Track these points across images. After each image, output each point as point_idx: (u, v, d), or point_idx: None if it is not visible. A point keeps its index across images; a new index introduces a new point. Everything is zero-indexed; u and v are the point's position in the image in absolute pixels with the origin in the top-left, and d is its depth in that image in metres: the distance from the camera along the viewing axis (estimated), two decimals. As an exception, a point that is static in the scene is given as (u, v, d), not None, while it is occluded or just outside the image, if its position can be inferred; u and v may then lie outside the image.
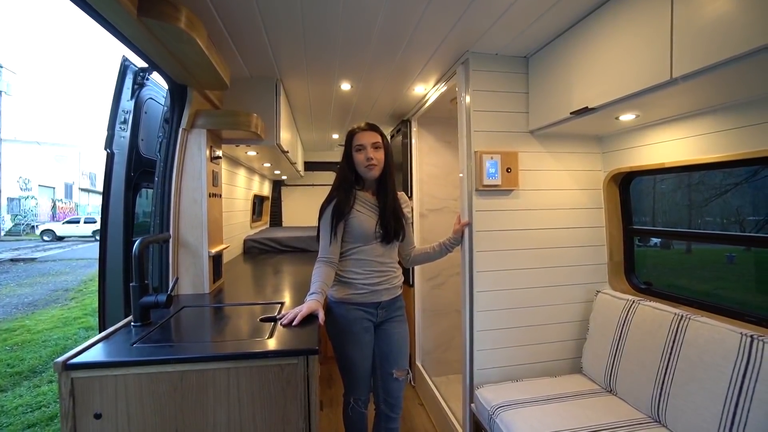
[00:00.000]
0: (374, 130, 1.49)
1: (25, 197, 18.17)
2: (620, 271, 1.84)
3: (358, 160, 1.47)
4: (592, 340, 1.72)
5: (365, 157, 1.45)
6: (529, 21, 1.43)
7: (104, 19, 1.05)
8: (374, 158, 1.46)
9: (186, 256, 1.71)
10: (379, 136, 1.49)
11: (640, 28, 1.16)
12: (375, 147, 1.47)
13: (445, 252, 1.67)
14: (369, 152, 1.45)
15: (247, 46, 1.65)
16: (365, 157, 1.45)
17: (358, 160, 1.47)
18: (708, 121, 1.34)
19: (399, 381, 1.53)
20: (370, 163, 1.45)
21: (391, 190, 1.52)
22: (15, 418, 2.56)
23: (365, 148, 1.45)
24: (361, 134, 1.48)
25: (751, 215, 3.62)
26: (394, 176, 1.55)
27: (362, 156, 1.46)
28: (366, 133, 1.47)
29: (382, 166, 1.49)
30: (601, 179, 1.84)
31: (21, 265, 9.24)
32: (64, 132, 32.12)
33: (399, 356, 1.53)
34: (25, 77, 58.75)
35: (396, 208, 1.52)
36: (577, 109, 1.41)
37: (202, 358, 1.04)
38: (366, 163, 1.45)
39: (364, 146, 1.46)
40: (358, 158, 1.47)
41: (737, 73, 0.98)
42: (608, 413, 1.40)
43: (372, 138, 1.47)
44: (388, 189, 1.51)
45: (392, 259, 1.54)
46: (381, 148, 1.48)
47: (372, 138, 1.47)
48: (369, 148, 1.45)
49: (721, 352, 1.17)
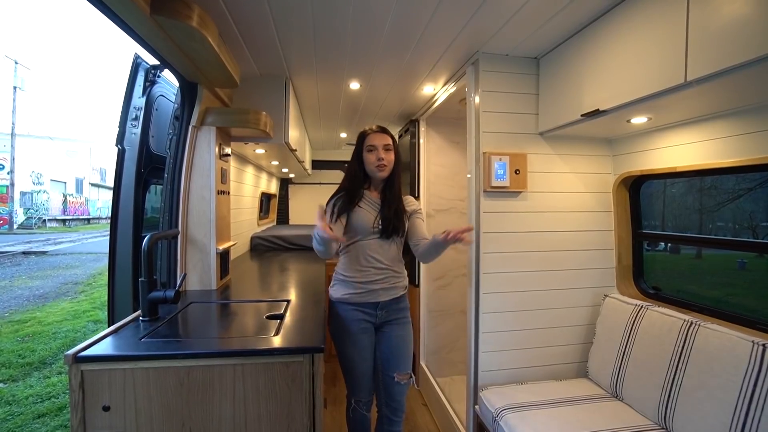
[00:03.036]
0: (386, 133, 1.54)
1: (37, 191, 18.47)
2: (629, 275, 1.82)
3: (368, 160, 1.51)
4: (598, 345, 1.70)
5: (376, 157, 1.49)
6: (540, 21, 1.42)
7: (117, 17, 1.07)
8: (385, 159, 1.49)
9: (194, 253, 1.72)
10: (390, 139, 1.53)
11: (655, 30, 1.14)
12: (386, 149, 1.50)
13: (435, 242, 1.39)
14: (380, 153, 1.49)
15: (257, 44, 1.66)
16: (376, 157, 1.49)
17: (369, 160, 1.50)
18: (721, 125, 1.31)
19: (401, 384, 1.52)
20: (380, 163, 1.49)
21: (396, 188, 1.55)
22: (26, 407, 2.61)
23: (377, 149, 1.49)
24: (373, 135, 1.51)
25: (764, 221, 3.55)
26: (400, 178, 1.57)
27: (373, 156, 1.49)
28: (378, 135, 1.51)
29: (391, 167, 1.52)
30: (610, 182, 1.82)
31: (33, 258, 9.40)
32: (76, 127, 32.66)
33: (401, 359, 1.53)
34: (40, 73, 59.85)
35: (398, 206, 1.54)
36: (588, 111, 1.40)
37: (208, 354, 1.05)
38: (377, 163, 1.49)
39: (376, 147, 1.49)
40: (369, 158, 1.50)
41: (753, 77, 0.97)
42: (614, 419, 1.39)
43: (383, 140, 1.51)
44: (393, 187, 1.54)
45: (392, 258, 1.53)
46: (391, 151, 1.52)
47: (383, 140, 1.51)
48: (380, 149, 1.49)
49: (732, 360, 1.15)
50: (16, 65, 17.24)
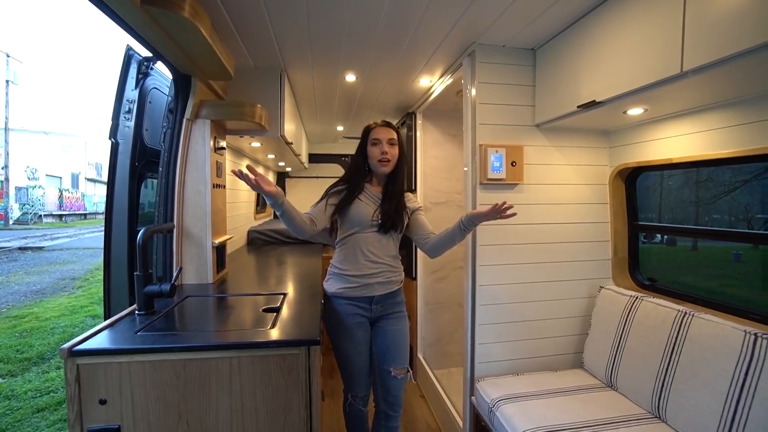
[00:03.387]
0: (391, 128, 1.53)
1: (32, 186, 18.35)
2: (624, 267, 1.83)
3: (372, 154, 1.50)
4: (594, 336, 1.71)
5: (380, 151, 1.48)
6: (537, 12, 1.41)
7: (108, 7, 1.05)
8: (389, 153, 1.48)
9: (190, 246, 1.72)
10: (395, 134, 1.52)
11: (651, 20, 1.13)
12: (390, 144, 1.50)
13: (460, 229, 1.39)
14: (384, 147, 1.48)
15: (252, 36, 1.64)
16: (380, 151, 1.48)
17: (373, 153, 1.50)
18: (718, 116, 1.31)
19: (398, 379, 1.51)
20: (384, 157, 1.48)
21: (399, 184, 1.53)
22: (25, 402, 2.62)
23: (381, 143, 1.49)
24: (378, 129, 1.51)
25: (760, 213, 3.57)
26: (404, 174, 1.56)
27: (377, 150, 1.49)
28: (383, 129, 1.51)
29: (394, 162, 1.51)
30: (606, 174, 1.83)
31: (29, 254, 9.36)
32: (71, 122, 32.38)
33: (397, 354, 1.52)
34: (32, 67, 59.08)
35: (399, 201, 1.52)
36: (585, 102, 1.39)
37: (205, 347, 1.05)
38: (380, 156, 1.48)
39: (380, 141, 1.49)
40: (373, 152, 1.50)
41: (748, 67, 0.96)
42: (609, 408, 1.40)
43: (388, 134, 1.50)
44: (396, 182, 1.53)
45: (389, 253, 1.51)
46: (396, 146, 1.51)
47: (388, 134, 1.50)
48: (384, 143, 1.49)
49: (724, 349, 1.16)
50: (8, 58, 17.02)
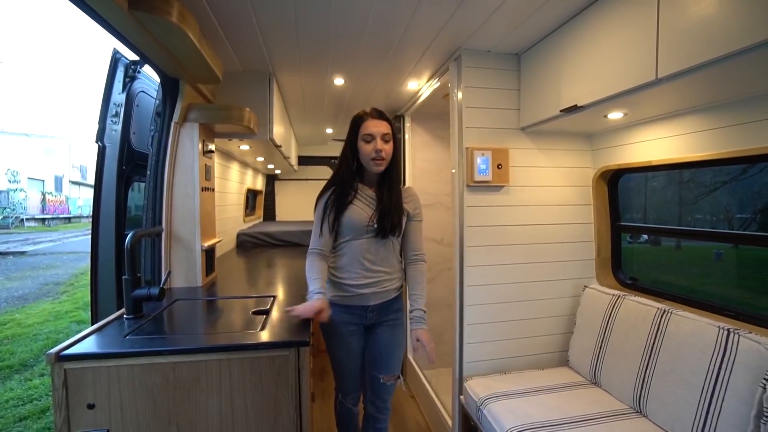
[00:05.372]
0: (385, 119, 1.35)
1: (13, 190, 17.89)
2: (607, 266, 1.88)
3: (364, 152, 1.33)
4: (578, 334, 1.75)
5: (374, 149, 1.31)
6: (520, 18, 1.45)
7: (95, 12, 1.05)
8: (383, 151, 1.32)
9: (179, 250, 1.71)
10: (389, 127, 1.35)
11: (628, 29, 1.18)
12: (385, 140, 1.32)
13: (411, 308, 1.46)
14: (378, 144, 1.31)
15: (240, 39, 1.65)
16: (374, 149, 1.31)
17: (365, 151, 1.32)
18: (695, 120, 1.37)
19: (387, 385, 1.48)
20: (378, 156, 1.31)
21: (395, 182, 1.40)
22: (6, 411, 2.56)
23: (374, 139, 1.31)
24: (371, 122, 1.33)
25: (738, 213, 3.69)
26: (399, 169, 1.43)
27: (370, 148, 1.32)
28: (376, 122, 1.33)
29: (389, 160, 1.36)
30: (590, 176, 1.88)
31: (11, 259, 9.13)
32: (54, 124, 31.66)
33: (389, 361, 1.47)
34: (13, 67, 57.59)
35: (398, 202, 1.39)
36: (567, 106, 1.44)
37: (194, 349, 1.05)
38: (374, 155, 1.31)
39: (374, 137, 1.31)
40: (365, 149, 1.32)
41: (721, 74, 1.01)
42: (592, 404, 1.44)
43: (383, 128, 1.33)
44: (392, 180, 1.39)
45: (386, 260, 1.40)
46: (390, 141, 1.35)
47: (383, 128, 1.33)
48: (379, 140, 1.31)
49: (700, 344, 1.21)
50: (-12, 59, 16.57)
